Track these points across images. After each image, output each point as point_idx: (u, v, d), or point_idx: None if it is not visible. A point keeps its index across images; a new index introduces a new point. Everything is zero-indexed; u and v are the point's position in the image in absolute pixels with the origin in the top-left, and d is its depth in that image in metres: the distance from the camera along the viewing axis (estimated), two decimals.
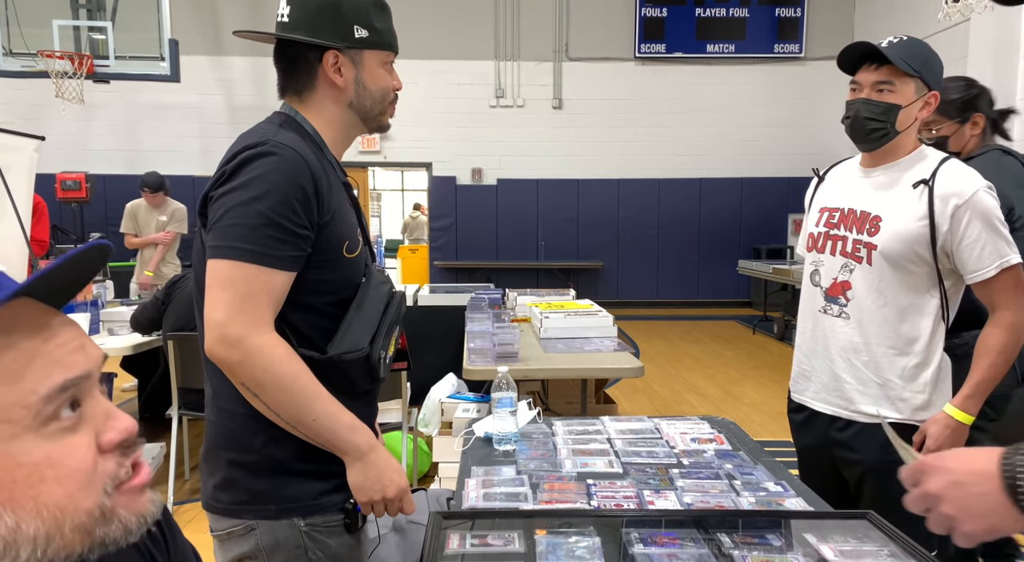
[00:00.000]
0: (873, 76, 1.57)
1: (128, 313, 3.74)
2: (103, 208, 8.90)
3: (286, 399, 1.07)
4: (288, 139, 1.12)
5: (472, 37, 9.43)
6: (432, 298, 4.29)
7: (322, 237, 1.12)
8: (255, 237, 1.05)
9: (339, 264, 1.16)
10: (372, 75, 1.20)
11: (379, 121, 1.26)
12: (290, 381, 1.06)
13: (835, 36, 9.25)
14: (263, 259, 1.06)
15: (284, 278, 1.09)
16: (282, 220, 1.06)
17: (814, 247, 1.74)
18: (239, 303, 1.05)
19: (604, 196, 9.65)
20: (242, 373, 1.05)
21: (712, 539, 1.11)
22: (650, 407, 5.01)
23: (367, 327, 1.16)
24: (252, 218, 1.06)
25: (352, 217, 1.21)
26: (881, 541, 1.11)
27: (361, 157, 9.53)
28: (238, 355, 1.04)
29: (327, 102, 1.20)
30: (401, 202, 17.16)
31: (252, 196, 1.06)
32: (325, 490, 1.17)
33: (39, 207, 4.29)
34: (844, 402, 1.68)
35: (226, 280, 1.06)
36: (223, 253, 1.06)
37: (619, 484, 1.39)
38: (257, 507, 1.15)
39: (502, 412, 1.64)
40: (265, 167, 1.07)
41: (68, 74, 5.56)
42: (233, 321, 1.04)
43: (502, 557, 1.06)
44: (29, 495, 0.51)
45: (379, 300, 1.20)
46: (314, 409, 1.08)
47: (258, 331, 1.05)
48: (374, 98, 1.21)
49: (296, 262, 1.10)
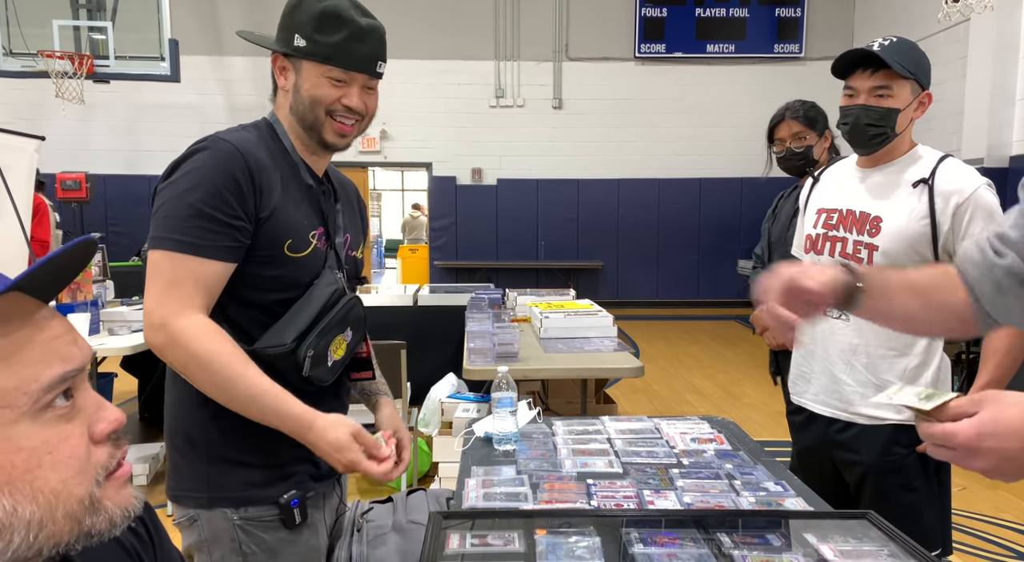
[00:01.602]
0: (870, 81, 1.56)
1: (129, 313, 3.74)
2: (103, 208, 8.90)
3: (210, 378, 1.09)
4: (234, 136, 1.17)
5: (472, 37, 9.42)
6: (432, 298, 4.28)
7: (260, 232, 1.15)
8: (184, 227, 1.09)
9: (281, 262, 1.18)
10: (307, 82, 1.21)
11: (319, 133, 1.23)
12: (211, 359, 1.08)
13: (835, 36, 9.25)
14: (190, 248, 1.09)
15: (217, 267, 1.12)
16: (212, 210, 1.10)
17: (812, 249, 1.74)
18: (165, 289, 1.09)
19: (604, 196, 9.65)
20: (168, 355, 1.09)
21: (712, 539, 1.11)
22: (650, 407, 5.01)
23: (297, 325, 1.18)
24: (182, 209, 1.10)
25: (307, 217, 1.22)
26: (881, 541, 1.11)
27: (361, 157, 9.53)
28: (163, 338, 1.08)
29: (284, 103, 1.25)
30: (401, 202, 17.16)
31: (184, 188, 1.11)
32: (257, 481, 1.18)
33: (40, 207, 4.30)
34: (843, 404, 1.68)
35: (156, 269, 1.10)
36: (155, 244, 1.11)
37: (619, 484, 1.38)
38: (192, 495, 1.19)
39: (502, 412, 1.64)
40: (199, 161, 1.12)
41: (68, 74, 5.56)
42: (159, 307, 1.08)
43: (502, 557, 1.06)
44: (26, 479, 0.52)
45: (318, 300, 1.21)
46: (239, 387, 1.09)
47: (181, 314, 1.08)
48: (304, 105, 1.21)
49: (231, 252, 1.12)
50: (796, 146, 2.41)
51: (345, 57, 1.20)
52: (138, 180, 9.12)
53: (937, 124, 7.07)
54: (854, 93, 1.59)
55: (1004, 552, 2.91)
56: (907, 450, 1.62)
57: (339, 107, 1.22)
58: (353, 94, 1.22)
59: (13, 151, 2.12)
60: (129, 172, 9.21)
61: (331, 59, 1.19)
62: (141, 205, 9.01)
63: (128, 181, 9.18)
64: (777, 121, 2.46)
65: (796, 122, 2.39)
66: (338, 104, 1.22)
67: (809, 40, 9.44)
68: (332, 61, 1.19)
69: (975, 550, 2.91)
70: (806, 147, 2.39)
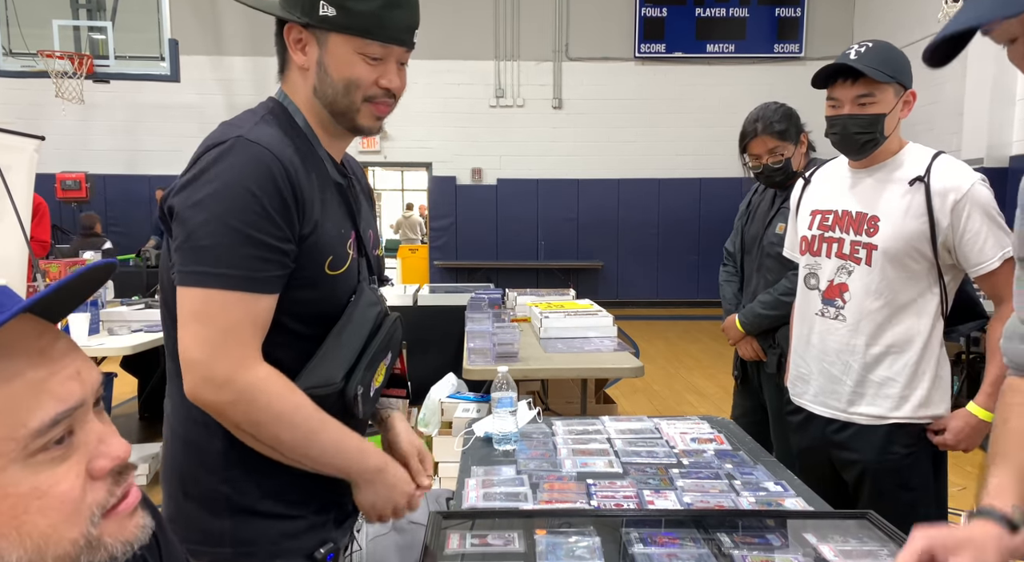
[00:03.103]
0: (851, 91, 1.57)
1: (128, 313, 3.74)
2: (103, 208, 8.89)
3: (290, 436, 0.95)
4: (263, 133, 0.97)
5: (472, 37, 9.42)
6: (432, 298, 4.28)
7: (301, 251, 0.97)
8: (232, 258, 0.90)
9: (319, 282, 1.00)
10: (337, 61, 1.00)
11: (350, 119, 1.04)
12: (291, 416, 0.94)
13: (835, 36, 9.25)
14: (242, 284, 0.91)
15: (268, 302, 0.94)
16: (261, 235, 0.91)
17: (808, 250, 1.74)
18: (220, 339, 0.91)
19: (604, 196, 9.64)
20: (235, 414, 0.93)
21: (712, 539, 1.11)
22: (650, 407, 5.01)
23: (344, 358, 1.01)
24: (226, 236, 0.90)
25: (343, 227, 1.05)
26: (881, 541, 1.11)
27: (361, 157, 9.52)
28: (229, 396, 0.91)
29: (299, 84, 1.05)
30: (401, 202, 17.16)
31: (224, 208, 0.90)
32: (290, 532, 1.04)
33: (40, 207, 4.29)
34: (842, 404, 1.68)
35: (201, 313, 0.91)
36: (195, 280, 0.91)
37: (619, 484, 1.38)
38: (211, 549, 1.01)
39: (502, 412, 1.64)
40: (230, 170, 0.92)
41: (68, 74, 5.56)
42: (217, 361, 0.91)
43: (502, 557, 1.06)
44: (12, 525, 0.50)
45: (363, 326, 1.04)
46: (320, 440, 0.97)
47: (247, 367, 0.92)
48: (336, 88, 1.01)
49: (280, 282, 0.95)
50: (773, 162, 2.27)
51: (384, 29, 1.00)
52: (138, 180, 9.12)
53: (937, 124, 7.07)
54: (838, 104, 1.60)
55: None
56: (906, 449, 1.62)
57: (378, 91, 1.03)
58: (391, 72, 1.04)
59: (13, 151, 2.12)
60: (129, 172, 9.21)
61: (370, 32, 0.99)
62: (141, 205, 9.01)
63: (128, 181, 9.18)
64: (750, 137, 2.30)
65: (770, 138, 2.26)
66: (376, 87, 1.02)
67: (809, 40, 9.44)
68: (371, 34, 0.99)
69: None
70: (784, 161, 2.27)
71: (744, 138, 2.34)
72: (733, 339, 2.46)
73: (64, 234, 7.29)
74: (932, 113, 7.03)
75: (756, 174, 2.37)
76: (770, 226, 2.33)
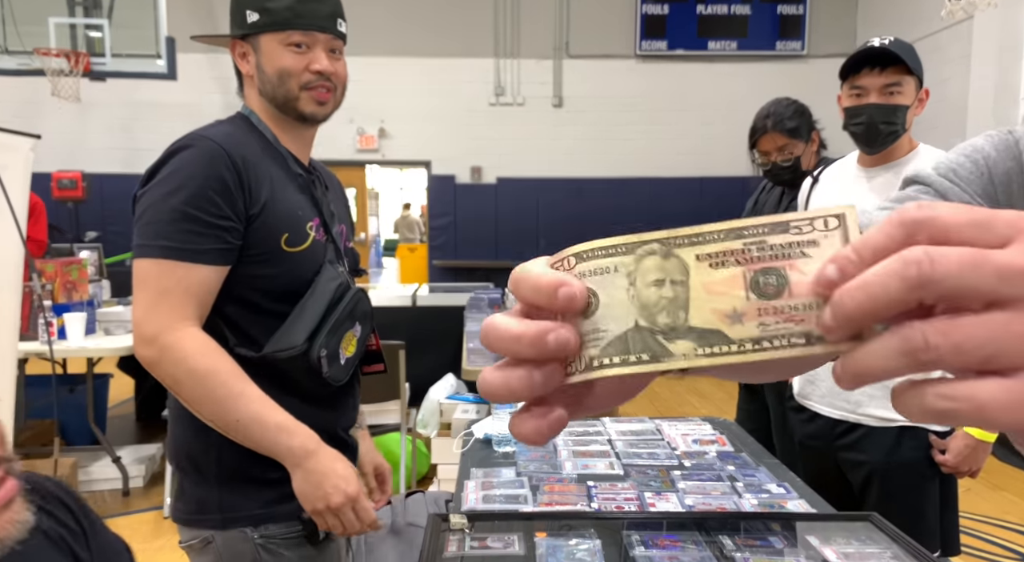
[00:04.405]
0: (880, 79, 1.56)
1: (125, 313, 3.72)
2: (99, 207, 8.88)
3: (202, 396, 1.03)
4: (216, 132, 1.11)
5: (471, 35, 9.40)
6: (431, 298, 4.27)
7: (253, 229, 1.09)
8: (169, 232, 1.04)
9: (278, 258, 1.11)
10: (269, 58, 1.15)
11: (294, 107, 1.17)
12: (204, 377, 1.02)
13: (838, 34, 9.23)
14: (178, 254, 1.03)
15: (207, 272, 1.06)
16: (198, 213, 1.04)
17: None
18: (154, 300, 1.03)
19: (604, 195, 9.63)
20: (159, 370, 1.03)
21: (714, 541, 1.09)
22: (651, 408, 5.00)
23: (306, 323, 1.11)
24: (166, 214, 1.04)
25: (300, 210, 1.16)
26: (884, 543, 1.09)
27: (359, 155, 9.51)
28: (154, 352, 1.02)
29: (251, 92, 1.20)
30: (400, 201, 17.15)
31: (166, 191, 1.05)
32: (274, 498, 1.12)
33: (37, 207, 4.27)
34: (851, 405, 1.68)
35: (143, 279, 1.05)
36: (140, 252, 1.06)
37: (620, 486, 1.37)
38: (205, 516, 1.11)
39: (502, 413, 1.63)
40: (181, 161, 1.07)
41: (64, 72, 5.54)
42: (148, 318, 1.02)
43: (502, 560, 1.05)
44: None
45: (324, 296, 1.14)
46: (236, 408, 1.02)
47: (172, 327, 1.02)
48: (272, 82, 1.16)
49: (221, 255, 1.06)
50: (782, 160, 2.23)
51: (301, 17, 1.14)
52: (135, 179, 8.81)
53: (941, 122, 7.06)
54: (863, 92, 1.59)
55: (1008, 554, 2.90)
56: (913, 452, 1.62)
57: (310, 76, 1.15)
58: (321, 58, 1.16)
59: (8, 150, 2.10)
60: (126, 171, 9.18)
61: (289, 23, 1.13)
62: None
63: (125, 179, 9.14)
64: (760, 133, 2.26)
65: (780, 135, 2.21)
66: (307, 73, 1.15)
67: (812, 38, 9.42)
68: (290, 25, 1.13)
69: (979, 552, 2.89)
70: (794, 159, 2.22)
71: (754, 134, 2.30)
72: None
73: (60, 233, 7.28)
74: (936, 111, 7.01)
75: (765, 171, 2.33)
76: None
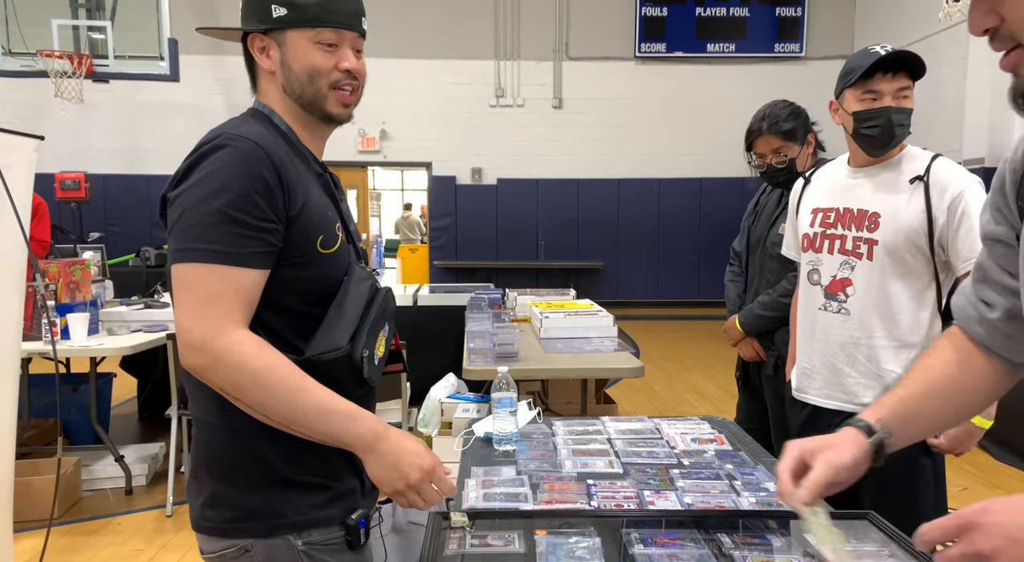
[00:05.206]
0: (894, 83, 1.62)
1: (128, 313, 3.73)
2: (102, 208, 8.89)
3: (267, 396, 0.99)
4: (248, 130, 1.07)
5: (472, 36, 9.42)
6: (432, 298, 4.28)
7: (292, 231, 1.05)
8: (213, 235, 0.99)
9: (314, 260, 1.09)
10: (296, 55, 1.11)
11: (321, 108, 1.13)
12: (265, 376, 0.99)
13: (836, 36, 9.25)
14: (224, 257, 0.99)
15: (253, 275, 1.02)
16: (242, 215, 1.00)
17: (810, 247, 1.78)
18: (202, 306, 0.99)
19: (604, 196, 9.64)
20: (215, 377, 1.00)
21: (712, 539, 1.10)
22: (650, 407, 5.01)
23: (347, 325, 1.08)
24: (209, 216, 0.99)
25: (329, 211, 1.14)
26: (881, 541, 1.10)
27: (361, 156, 9.52)
28: (206, 359, 0.98)
29: (271, 89, 1.15)
30: (401, 202, 17.16)
31: (207, 193, 1.00)
32: (319, 503, 1.09)
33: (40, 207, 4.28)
34: (848, 396, 1.72)
35: (187, 284, 1.00)
36: (182, 256, 1.01)
37: (619, 484, 1.38)
38: (245, 525, 1.07)
39: (502, 412, 1.64)
40: (220, 161, 1.01)
41: (67, 74, 5.55)
42: (197, 325, 0.98)
43: (502, 557, 1.06)
44: None
45: (360, 296, 1.12)
46: (301, 402, 1.00)
47: (223, 331, 0.99)
48: (301, 80, 1.11)
49: (265, 258, 1.03)
50: (777, 162, 2.25)
51: (333, 15, 1.10)
52: (137, 180, 9.11)
53: (938, 124, 7.06)
54: (878, 96, 1.63)
55: None
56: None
57: (339, 75, 1.12)
58: (349, 55, 1.12)
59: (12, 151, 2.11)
60: (128, 172, 9.20)
61: (320, 20, 1.09)
62: (141, 205, 9.00)
63: (127, 181, 9.17)
64: (756, 135, 2.28)
65: (776, 137, 2.23)
66: (336, 71, 1.12)
67: (810, 40, 9.43)
68: (322, 22, 1.09)
69: None
70: (789, 161, 2.24)
71: (750, 136, 2.33)
72: (734, 340, 2.46)
73: (64, 234, 7.28)
74: (934, 113, 7.02)
75: (760, 173, 2.35)
76: (774, 226, 2.33)
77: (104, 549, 2.89)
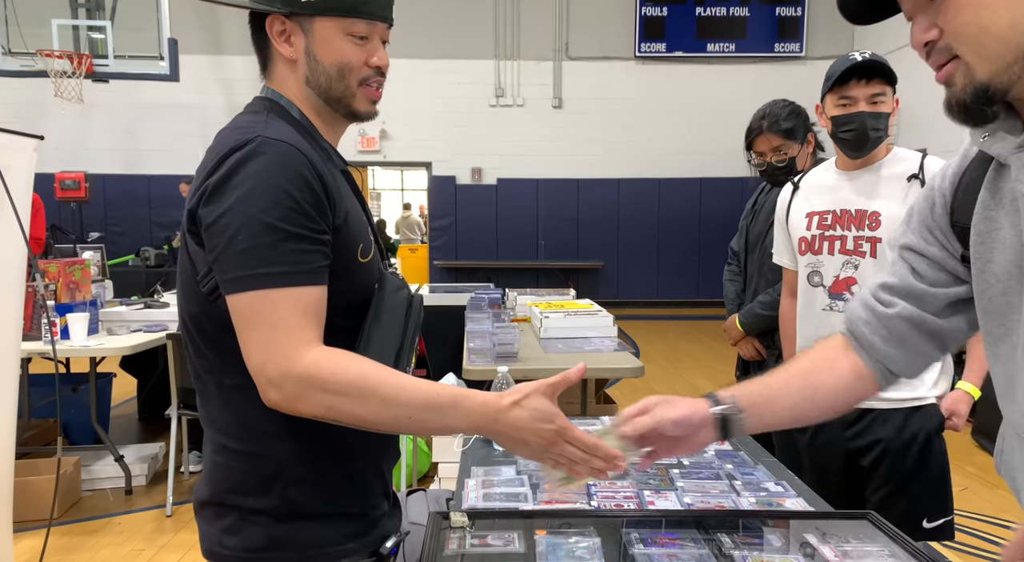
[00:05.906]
0: (868, 89, 1.67)
1: (127, 313, 3.73)
2: (102, 208, 8.89)
3: (366, 409, 0.90)
4: (278, 130, 0.96)
5: (472, 36, 9.42)
6: (432, 298, 4.28)
7: (337, 241, 0.96)
8: (273, 256, 0.89)
9: (353, 271, 0.99)
10: (325, 46, 1.00)
11: (347, 105, 1.04)
12: (359, 388, 0.90)
13: (836, 36, 9.25)
14: (287, 280, 0.90)
15: (317, 292, 0.93)
16: (297, 229, 0.90)
17: (809, 250, 1.80)
18: (270, 338, 0.89)
19: (604, 196, 9.64)
20: (306, 408, 0.90)
21: (712, 539, 1.10)
22: None
23: (390, 344, 1.00)
24: (264, 235, 0.89)
25: (362, 216, 1.05)
26: (882, 541, 1.10)
27: (360, 156, 9.52)
28: (290, 390, 0.89)
29: (289, 77, 1.04)
30: (401, 202, 17.16)
31: (258, 208, 0.89)
32: (353, 532, 1.03)
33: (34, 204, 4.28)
34: None
35: (251, 316, 0.90)
36: (242, 285, 0.89)
37: (619, 484, 1.38)
38: (274, 554, 1.00)
39: None
40: (259, 170, 0.91)
41: (67, 73, 5.55)
42: (269, 360, 0.89)
43: (502, 557, 1.06)
44: None
45: (399, 309, 1.03)
46: (404, 401, 0.91)
47: (298, 356, 0.89)
48: (329, 75, 1.01)
49: (326, 272, 0.94)
50: (777, 160, 2.26)
51: (368, 4, 1.00)
52: (137, 180, 9.12)
53: (937, 123, 7.06)
54: (851, 102, 1.68)
55: None
56: (919, 429, 1.71)
57: (369, 71, 1.02)
58: (379, 49, 1.03)
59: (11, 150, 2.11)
60: (128, 172, 9.21)
61: (356, 10, 0.99)
62: (141, 205, 9.02)
63: (127, 181, 9.17)
64: (755, 134, 2.30)
65: (775, 136, 2.25)
66: (366, 67, 1.02)
67: (810, 39, 9.44)
68: (358, 12, 0.99)
69: (976, 550, 2.90)
70: (789, 160, 2.25)
71: (750, 134, 2.34)
72: (734, 339, 2.46)
73: (63, 234, 7.29)
74: (933, 113, 7.02)
75: (760, 172, 2.36)
76: (770, 227, 2.33)
77: (104, 549, 2.89)
